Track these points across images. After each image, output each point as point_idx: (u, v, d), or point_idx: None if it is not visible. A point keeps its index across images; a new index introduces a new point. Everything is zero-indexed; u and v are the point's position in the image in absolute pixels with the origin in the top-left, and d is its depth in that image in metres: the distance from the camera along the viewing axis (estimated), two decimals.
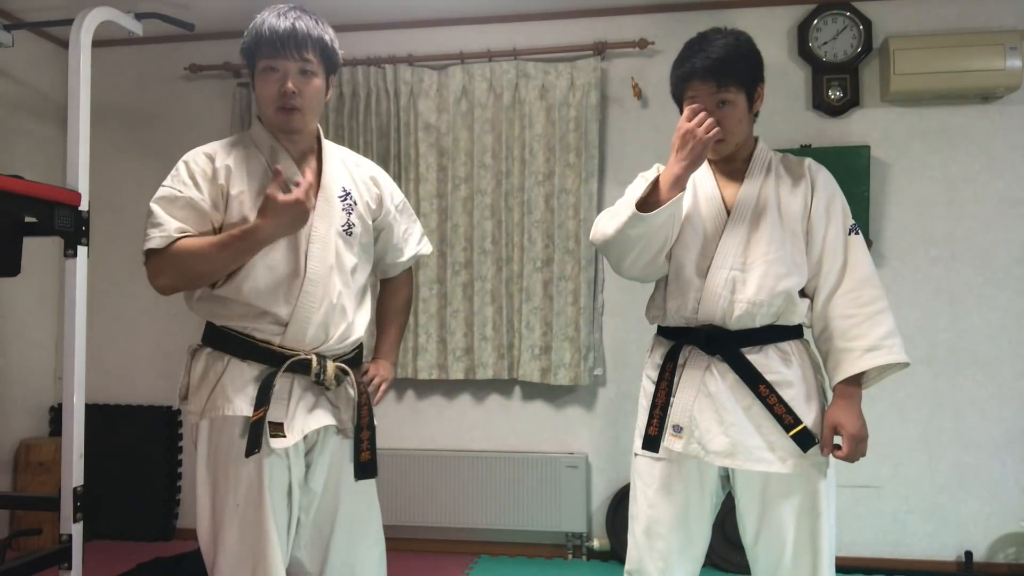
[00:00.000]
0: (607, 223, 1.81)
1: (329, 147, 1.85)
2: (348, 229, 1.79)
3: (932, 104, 3.31)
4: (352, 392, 1.80)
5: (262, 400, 1.66)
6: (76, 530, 2.27)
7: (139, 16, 2.91)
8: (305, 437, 1.72)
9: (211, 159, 1.73)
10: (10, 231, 2.33)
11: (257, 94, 1.75)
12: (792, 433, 1.71)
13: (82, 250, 2.34)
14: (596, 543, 3.45)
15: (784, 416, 1.72)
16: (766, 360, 1.76)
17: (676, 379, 1.81)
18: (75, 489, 2.27)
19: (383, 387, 1.90)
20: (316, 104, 1.75)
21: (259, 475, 1.65)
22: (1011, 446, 3.25)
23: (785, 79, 3.40)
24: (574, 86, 3.46)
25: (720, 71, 1.74)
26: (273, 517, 1.65)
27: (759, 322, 1.76)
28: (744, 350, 1.76)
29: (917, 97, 3.28)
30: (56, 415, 3.78)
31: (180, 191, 1.68)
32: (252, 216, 1.67)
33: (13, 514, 3.50)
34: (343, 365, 1.78)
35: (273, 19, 1.69)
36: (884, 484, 3.30)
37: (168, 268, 1.66)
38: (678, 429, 1.78)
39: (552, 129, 3.48)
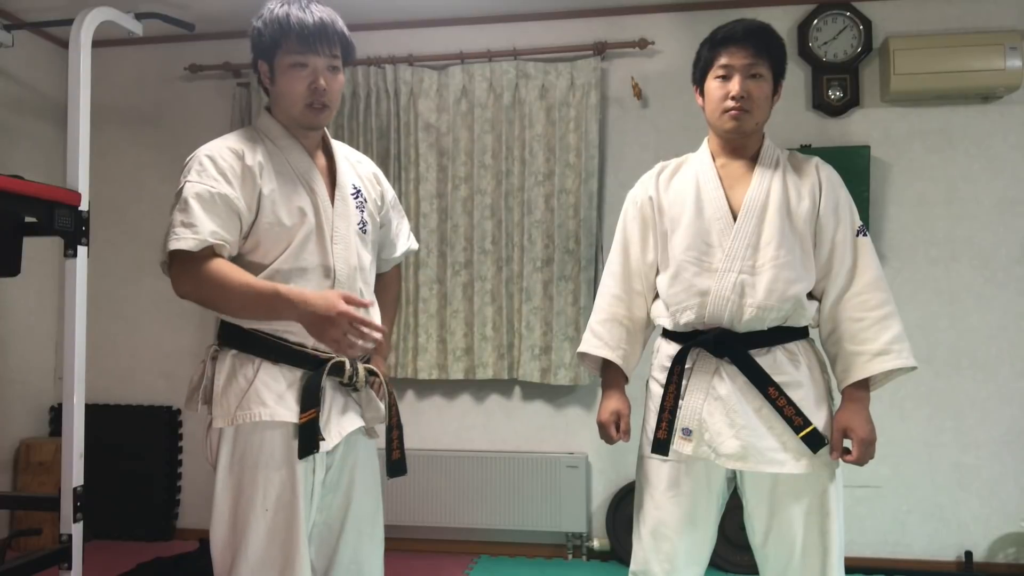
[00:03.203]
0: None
1: (334, 144, 1.84)
2: (363, 227, 1.77)
3: (932, 104, 3.31)
4: (372, 392, 1.79)
5: (311, 401, 1.62)
6: (76, 530, 2.27)
7: (139, 16, 2.91)
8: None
9: (238, 156, 1.63)
10: (10, 231, 2.33)
11: (280, 90, 1.67)
12: (802, 435, 1.70)
13: (82, 250, 2.34)
14: (596, 543, 3.45)
15: (794, 418, 1.71)
16: (774, 362, 1.75)
17: (684, 382, 1.79)
18: (75, 489, 2.27)
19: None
20: (339, 99, 1.73)
21: (292, 480, 1.61)
22: (1011, 446, 3.25)
23: (785, 79, 3.40)
24: (574, 86, 3.46)
25: (759, 39, 1.76)
26: (303, 521, 1.62)
27: (768, 325, 1.75)
28: (752, 352, 1.75)
29: (917, 97, 3.28)
30: (56, 415, 3.77)
31: (212, 186, 1.58)
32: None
33: (13, 514, 3.50)
34: (370, 367, 1.78)
35: (298, 12, 1.63)
36: (884, 484, 3.30)
37: (193, 281, 1.58)
38: (687, 432, 1.76)
39: (552, 129, 3.48)
